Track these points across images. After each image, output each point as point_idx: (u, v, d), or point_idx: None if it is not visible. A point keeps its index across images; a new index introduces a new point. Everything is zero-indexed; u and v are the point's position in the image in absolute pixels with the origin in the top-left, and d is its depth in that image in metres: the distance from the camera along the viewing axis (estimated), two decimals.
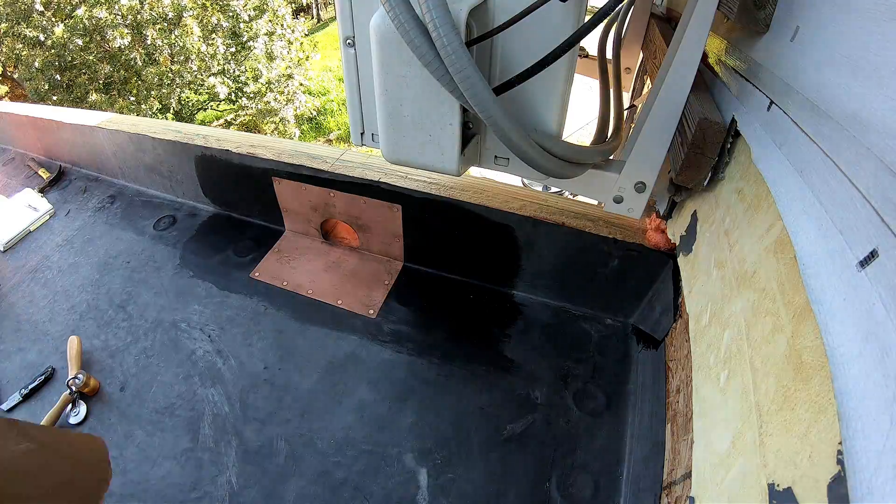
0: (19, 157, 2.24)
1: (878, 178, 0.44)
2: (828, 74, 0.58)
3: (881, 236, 0.43)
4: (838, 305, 0.47)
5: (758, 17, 0.81)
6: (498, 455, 1.12)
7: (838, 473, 0.41)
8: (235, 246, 1.64)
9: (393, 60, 0.83)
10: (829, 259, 0.51)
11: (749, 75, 0.86)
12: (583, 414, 1.19)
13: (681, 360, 0.96)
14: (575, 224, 1.28)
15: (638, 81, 2.42)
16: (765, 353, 0.61)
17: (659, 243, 1.20)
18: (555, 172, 0.90)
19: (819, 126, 0.58)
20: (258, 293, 1.49)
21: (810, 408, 0.48)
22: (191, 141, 1.65)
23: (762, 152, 0.75)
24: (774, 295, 0.62)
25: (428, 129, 0.90)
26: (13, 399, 1.29)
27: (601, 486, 1.07)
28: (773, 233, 0.67)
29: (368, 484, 1.07)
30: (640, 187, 1.05)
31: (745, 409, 0.62)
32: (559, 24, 0.82)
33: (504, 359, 1.30)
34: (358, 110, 1.09)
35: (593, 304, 1.42)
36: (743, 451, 0.59)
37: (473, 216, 1.36)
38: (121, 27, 8.63)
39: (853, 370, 0.43)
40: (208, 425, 1.20)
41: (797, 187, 0.61)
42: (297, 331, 1.39)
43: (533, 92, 0.91)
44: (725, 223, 0.85)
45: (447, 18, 0.67)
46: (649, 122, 0.98)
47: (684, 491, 0.76)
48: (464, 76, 0.70)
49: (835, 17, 0.60)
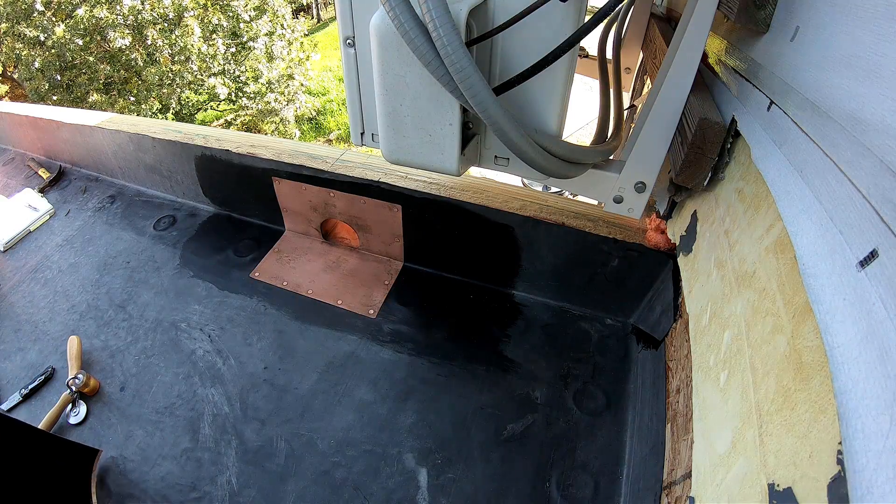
0: (19, 157, 2.24)
1: (877, 178, 0.44)
2: (827, 74, 0.58)
3: (881, 236, 0.43)
4: (838, 305, 0.47)
5: (758, 17, 0.81)
6: (498, 455, 1.12)
7: (838, 473, 0.41)
8: (235, 246, 1.64)
9: (393, 60, 0.83)
10: (829, 259, 0.51)
11: (749, 75, 0.86)
12: (583, 414, 1.19)
13: (681, 360, 0.96)
14: (575, 224, 1.28)
15: (638, 81, 2.42)
16: (765, 352, 0.61)
17: (659, 243, 1.20)
18: (555, 172, 0.90)
19: (819, 126, 0.58)
20: (258, 293, 1.49)
21: (810, 408, 0.48)
22: (191, 141, 1.65)
23: (762, 152, 0.75)
24: (774, 295, 0.62)
25: (428, 128, 0.90)
26: (13, 399, 1.29)
27: (601, 485, 1.07)
28: (773, 233, 0.67)
29: (368, 484, 1.07)
30: (640, 187, 1.05)
31: (745, 409, 0.62)
32: (559, 23, 0.82)
33: (504, 359, 1.30)
34: (358, 110, 1.09)
35: (593, 304, 1.42)
36: (743, 451, 0.59)
37: (473, 216, 1.36)
38: (121, 27, 8.64)
39: (853, 370, 0.43)
40: (208, 425, 1.20)
41: (797, 187, 0.61)
42: (298, 331, 1.39)
43: (533, 92, 0.91)
44: (725, 223, 0.85)
45: (447, 18, 0.67)
46: (649, 122, 0.98)
47: (684, 491, 0.76)
48: (464, 76, 0.70)
49: (834, 16, 0.60)
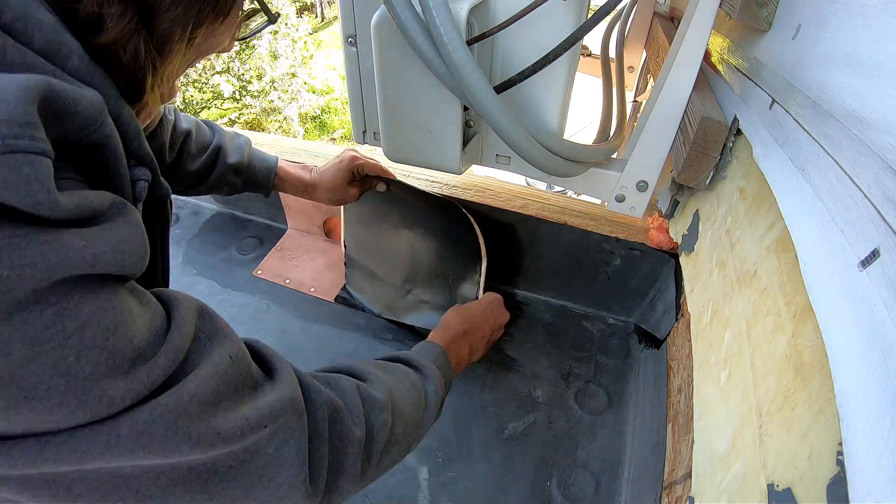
0: None
1: (879, 177, 0.44)
2: (829, 72, 0.58)
3: (882, 235, 0.42)
4: (839, 305, 0.47)
5: (760, 15, 0.80)
6: (499, 454, 1.12)
7: (838, 474, 0.40)
8: (238, 244, 1.64)
9: (394, 59, 0.83)
10: (830, 258, 0.51)
11: (751, 73, 0.85)
12: (584, 413, 1.19)
13: (682, 359, 0.96)
14: (577, 223, 1.28)
15: (641, 80, 2.41)
16: (765, 352, 0.61)
17: (661, 242, 1.19)
18: (556, 171, 0.90)
19: (820, 124, 0.57)
20: (260, 291, 1.49)
21: (810, 408, 0.48)
22: None
23: (764, 151, 0.74)
24: (775, 294, 0.62)
25: (429, 127, 0.90)
26: None
27: (602, 485, 1.07)
28: (775, 232, 0.67)
29: None
30: (643, 186, 1.05)
31: (745, 408, 0.62)
32: (561, 21, 0.82)
33: (506, 357, 1.30)
34: (360, 109, 1.10)
35: (595, 302, 1.42)
36: (743, 451, 0.59)
37: (475, 215, 1.36)
38: None
39: (854, 370, 0.42)
40: None
41: (798, 186, 0.61)
42: (300, 329, 1.40)
43: (534, 90, 0.91)
44: (727, 222, 0.85)
45: (448, 17, 0.67)
46: (651, 120, 0.98)
47: (685, 491, 0.75)
48: (465, 74, 0.70)
49: (836, 14, 0.59)
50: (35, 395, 0.34)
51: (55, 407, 0.35)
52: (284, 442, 0.49)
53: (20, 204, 0.33)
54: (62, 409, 0.35)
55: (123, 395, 0.38)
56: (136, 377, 0.38)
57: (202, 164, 1.07)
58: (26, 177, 0.33)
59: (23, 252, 0.33)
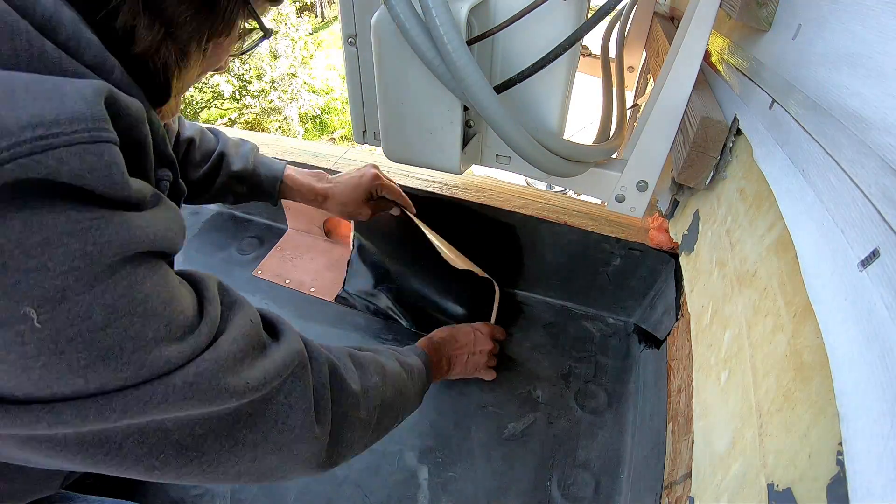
0: None
1: (879, 177, 0.44)
2: (829, 72, 0.58)
3: (882, 235, 0.42)
4: (839, 305, 0.47)
5: (760, 15, 0.80)
6: (499, 454, 1.12)
7: (838, 474, 0.40)
8: (238, 244, 1.64)
9: (394, 59, 0.83)
10: (830, 258, 0.51)
11: (751, 74, 0.85)
12: (584, 413, 1.19)
13: (682, 359, 0.96)
14: (577, 223, 1.28)
15: (641, 80, 2.41)
16: (765, 352, 0.61)
17: (661, 242, 1.19)
18: (556, 171, 0.90)
19: (820, 124, 0.57)
20: (261, 291, 1.49)
21: (810, 408, 0.48)
22: None
23: (764, 151, 0.74)
24: (775, 294, 0.62)
25: (429, 127, 0.90)
26: None
27: (602, 485, 1.07)
28: (775, 232, 0.67)
29: (369, 481, 1.07)
30: (643, 186, 1.05)
31: (745, 408, 0.62)
32: (561, 21, 0.82)
33: (506, 357, 1.30)
34: (360, 109, 1.10)
35: (595, 302, 1.42)
36: (742, 451, 0.59)
37: (475, 215, 1.36)
38: None
39: (854, 370, 0.42)
40: None
41: (798, 186, 0.61)
42: (300, 329, 1.37)
43: (534, 90, 0.91)
44: (727, 222, 0.85)
45: (448, 17, 0.67)
46: (651, 120, 0.98)
47: (685, 491, 0.75)
48: (464, 74, 0.70)
49: (836, 14, 0.59)
50: (110, 355, 0.40)
51: (125, 365, 0.41)
52: (293, 389, 0.58)
53: (101, 186, 0.38)
54: (130, 367, 0.41)
55: (178, 357, 0.45)
56: (187, 343, 0.46)
57: (204, 173, 1.07)
58: (107, 163, 0.38)
59: (103, 231, 0.38)
